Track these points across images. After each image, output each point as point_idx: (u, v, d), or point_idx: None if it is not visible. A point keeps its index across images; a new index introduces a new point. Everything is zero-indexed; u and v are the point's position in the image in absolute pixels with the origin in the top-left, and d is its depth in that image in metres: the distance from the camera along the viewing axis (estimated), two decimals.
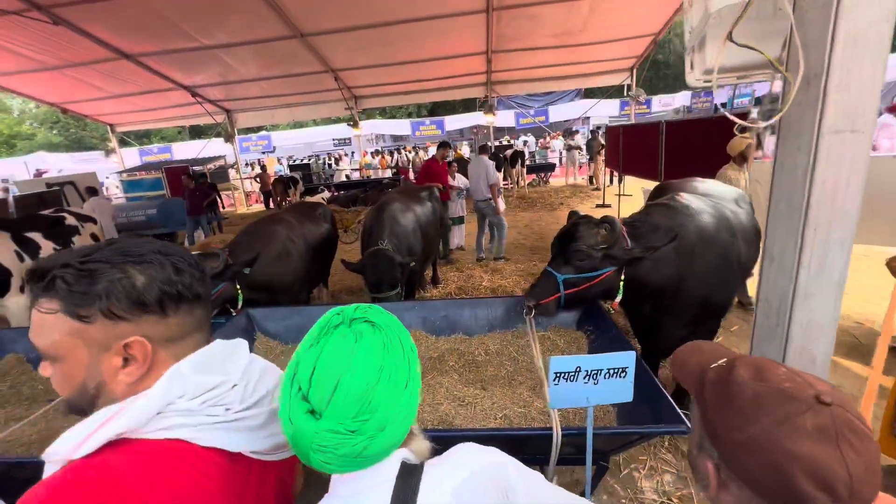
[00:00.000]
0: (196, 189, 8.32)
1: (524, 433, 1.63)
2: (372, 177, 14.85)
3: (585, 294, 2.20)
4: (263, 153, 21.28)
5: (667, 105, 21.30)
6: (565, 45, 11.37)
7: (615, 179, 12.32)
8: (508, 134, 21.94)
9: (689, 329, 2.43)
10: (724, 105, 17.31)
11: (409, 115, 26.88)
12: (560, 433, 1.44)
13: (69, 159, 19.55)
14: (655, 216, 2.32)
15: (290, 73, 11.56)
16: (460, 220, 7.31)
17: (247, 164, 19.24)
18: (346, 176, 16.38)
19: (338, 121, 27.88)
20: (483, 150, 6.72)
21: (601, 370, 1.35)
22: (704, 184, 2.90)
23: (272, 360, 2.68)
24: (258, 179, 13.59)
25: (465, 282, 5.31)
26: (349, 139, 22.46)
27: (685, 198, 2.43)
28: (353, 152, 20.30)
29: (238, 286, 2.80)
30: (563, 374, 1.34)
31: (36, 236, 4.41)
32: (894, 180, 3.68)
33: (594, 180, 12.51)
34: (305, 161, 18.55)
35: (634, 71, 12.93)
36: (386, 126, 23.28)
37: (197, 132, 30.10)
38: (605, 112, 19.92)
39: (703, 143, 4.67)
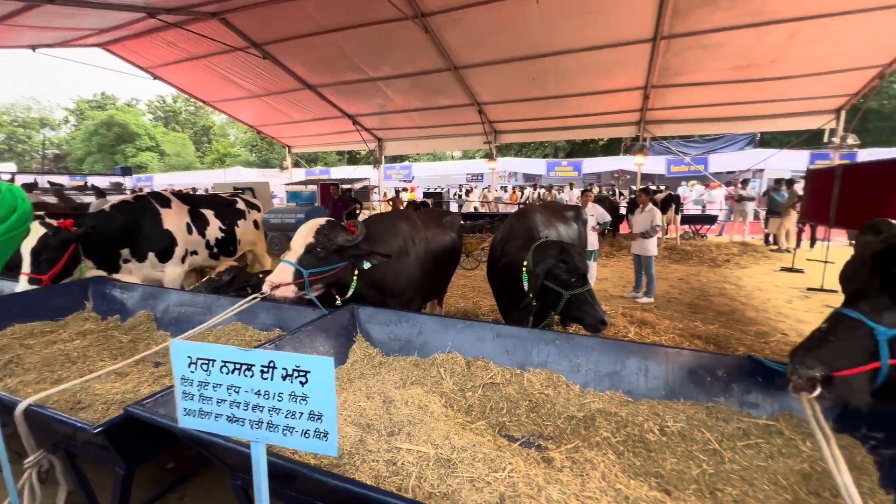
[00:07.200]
0: (339, 200, 8.97)
1: None
2: (500, 210, 14.61)
3: None
4: (403, 181, 23.06)
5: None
6: (747, 80, 9.71)
7: (805, 241, 9.72)
8: (658, 181, 19.68)
9: None
10: None
11: (545, 156, 26.50)
12: None
13: (256, 173, 24.27)
14: None
15: (437, 106, 12.19)
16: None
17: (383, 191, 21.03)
18: (475, 207, 16.46)
19: (473, 156, 29.02)
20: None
21: None
22: None
23: (367, 369, 2.09)
24: (390, 203, 14.45)
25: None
26: (482, 175, 22.94)
27: None
28: (486, 187, 20.70)
29: (356, 273, 2.45)
30: None
31: (209, 213, 4.87)
32: None
33: (775, 240, 10.00)
34: (438, 190, 19.38)
35: (842, 113, 10.36)
36: (520, 164, 23.20)
37: (353, 160, 34.64)
38: (787, 165, 16.53)
39: None
